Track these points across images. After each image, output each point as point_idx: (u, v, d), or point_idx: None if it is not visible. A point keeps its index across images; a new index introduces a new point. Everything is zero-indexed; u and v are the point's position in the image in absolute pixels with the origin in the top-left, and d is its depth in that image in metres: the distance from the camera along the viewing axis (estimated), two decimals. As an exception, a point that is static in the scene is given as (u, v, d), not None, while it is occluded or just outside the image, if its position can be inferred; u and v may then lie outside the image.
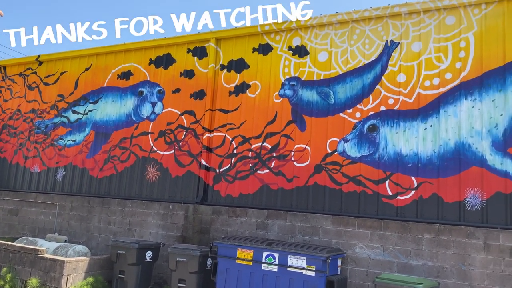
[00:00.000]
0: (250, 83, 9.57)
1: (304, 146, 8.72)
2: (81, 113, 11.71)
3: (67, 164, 11.60)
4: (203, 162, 9.63)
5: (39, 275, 8.26)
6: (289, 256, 7.21)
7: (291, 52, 9.25)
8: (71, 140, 11.69)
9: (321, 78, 8.81)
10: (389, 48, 8.26)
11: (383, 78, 8.20)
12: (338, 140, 8.38)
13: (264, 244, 7.51)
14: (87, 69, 11.94)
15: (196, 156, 9.80)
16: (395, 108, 8.00)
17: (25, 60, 13.17)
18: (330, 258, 7.00)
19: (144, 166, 10.42)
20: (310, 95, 8.86)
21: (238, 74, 9.76)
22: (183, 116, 10.20)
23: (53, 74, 12.53)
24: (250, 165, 9.19)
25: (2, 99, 13.36)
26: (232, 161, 9.41)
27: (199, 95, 10.08)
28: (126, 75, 11.25)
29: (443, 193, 7.38)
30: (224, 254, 7.75)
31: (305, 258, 7.07)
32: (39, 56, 12.78)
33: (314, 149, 8.59)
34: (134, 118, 10.85)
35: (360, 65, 8.46)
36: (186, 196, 9.75)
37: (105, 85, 11.53)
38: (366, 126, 8.18)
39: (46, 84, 12.60)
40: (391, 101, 8.05)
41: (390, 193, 7.77)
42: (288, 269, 7.18)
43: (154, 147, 10.39)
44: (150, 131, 10.54)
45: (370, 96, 8.26)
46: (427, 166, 7.56)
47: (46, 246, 9.00)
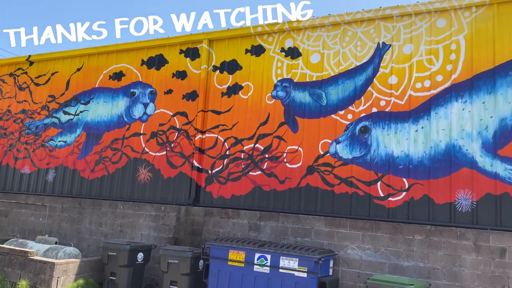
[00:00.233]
0: (242, 84, 9.57)
1: (296, 147, 8.73)
2: (72, 114, 11.63)
3: (58, 165, 11.50)
4: (195, 164, 9.61)
5: (29, 278, 8.18)
6: (281, 257, 7.21)
7: (283, 53, 9.26)
8: (62, 141, 11.60)
9: (314, 79, 8.83)
10: (381, 50, 8.30)
11: (375, 80, 8.24)
12: (330, 141, 8.41)
13: (256, 246, 7.50)
14: (78, 69, 11.86)
15: (188, 157, 9.77)
16: (387, 109, 8.04)
17: (15, 60, 13.05)
18: (322, 259, 7.01)
19: (135, 167, 10.36)
20: (302, 97, 8.88)
21: (230, 75, 9.76)
22: (175, 117, 10.17)
23: (44, 75, 12.43)
24: (243, 166, 9.18)
25: (-8, 100, 13.22)
26: (225, 163, 9.39)
27: (192, 96, 10.06)
28: (118, 75, 11.20)
29: (434, 195, 7.43)
30: (216, 256, 7.73)
31: (297, 259, 7.08)
32: (29, 56, 12.67)
33: (306, 151, 8.61)
34: (126, 119, 10.79)
35: (352, 67, 8.50)
36: (178, 198, 9.71)
37: (96, 86, 11.46)
38: (358, 127, 8.21)
39: (37, 84, 12.50)
40: (382, 103, 8.10)
41: (382, 195, 7.81)
42: (280, 270, 7.18)
43: (146, 148, 10.34)
44: (142, 132, 10.49)
45: (362, 97, 8.29)
46: (418, 168, 7.61)
47: (36, 248, 8.91)
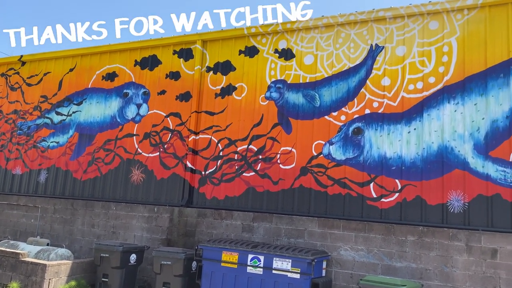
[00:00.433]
0: (236, 86, 9.57)
1: (290, 148, 8.74)
2: (64, 115, 11.55)
3: (50, 166, 11.42)
4: (189, 165, 9.58)
5: (20, 279, 8.11)
6: (274, 258, 7.21)
7: (277, 55, 9.28)
8: (55, 141, 11.52)
9: (307, 81, 8.85)
10: (374, 52, 8.34)
11: (368, 81, 8.28)
12: (324, 142, 8.43)
13: (249, 247, 7.50)
14: (71, 69, 11.79)
15: (182, 159, 9.75)
16: (380, 111, 8.07)
17: (7, 60, 12.95)
18: (315, 260, 7.02)
19: (128, 168, 10.32)
20: (296, 98, 8.89)
21: (224, 76, 9.75)
22: (168, 118, 10.14)
23: (36, 75, 12.35)
24: (236, 167, 9.17)
25: (-16, 100, 13.11)
26: (218, 164, 9.38)
27: (185, 97, 10.04)
28: (111, 76, 11.15)
29: (427, 196, 7.47)
30: (209, 257, 7.71)
31: (290, 260, 7.08)
32: (21, 56, 12.58)
33: (299, 152, 8.62)
34: (118, 120, 10.75)
35: (345, 69, 8.53)
36: (171, 199, 9.68)
37: (89, 86, 11.40)
38: (351, 129, 8.24)
39: (29, 84, 12.40)
40: (375, 105, 8.13)
41: (375, 196, 7.84)
42: (273, 271, 7.18)
43: (139, 149, 10.30)
44: (135, 133, 10.45)
45: (355, 99, 8.32)
46: (411, 169, 7.65)
47: (28, 250, 8.84)
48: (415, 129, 7.75)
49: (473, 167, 7.23)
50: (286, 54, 9.18)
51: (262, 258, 7.31)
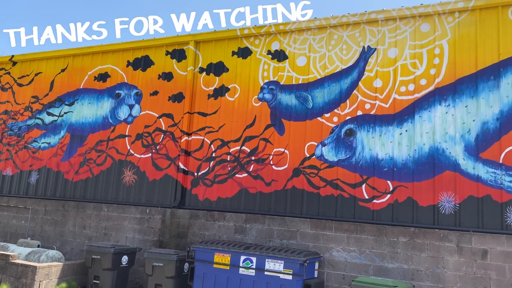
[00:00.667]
0: (229, 87, 9.56)
1: (282, 149, 8.75)
2: (56, 115, 11.47)
3: (41, 167, 11.32)
4: (181, 166, 9.55)
5: (10, 282, 8.02)
6: (267, 260, 7.21)
7: (270, 56, 9.29)
8: (46, 142, 11.43)
9: (300, 82, 8.87)
10: (366, 53, 8.38)
11: (360, 83, 8.32)
12: (316, 144, 8.45)
13: (241, 248, 7.49)
14: (63, 70, 11.71)
15: (174, 160, 9.72)
16: (372, 113, 8.11)
17: (-2, 60, 12.83)
18: (307, 261, 7.03)
19: (120, 169, 10.26)
20: (288, 99, 8.91)
21: (217, 77, 9.74)
22: (161, 119, 10.10)
23: (28, 75, 12.25)
24: (229, 168, 9.16)
25: (-26, 100, 12.97)
26: (211, 165, 9.36)
27: (178, 98, 10.01)
28: (103, 77, 11.09)
29: (418, 197, 7.51)
30: (201, 259, 7.69)
31: (283, 262, 7.08)
32: (12, 56, 12.47)
33: (292, 153, 8.63)
34: (111, 121, 10.69)
35: (337, 70, 8.56)
36: (164, 200, 9.64)
37: (81, 87, 11.33)
38: (343, 130, 8.26)
39: (20, 85, 12.30)
40: (367, 106, 8.17)
41: (367, 197, 7.87)
42: (266, 273, 7.17)
43: (131, 150, 10.25)
44: (127, 134, 10.40)
45: (347, 101, 8.35)
46: (403, 170, 7.69)
47: (18, 252, 8.76)
48: (406, 130, 7.79)
49: (464, 168, 7.29)
50: (279, 56, 9.20)
51: (254, 259, 7.31)
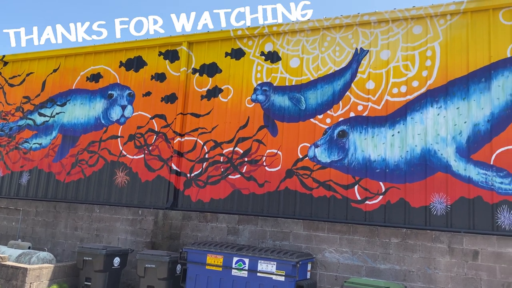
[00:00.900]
0: (222, 88, 9.55)
1: (275, 151, 8.75)
2: (48, 116, 11.38)
3: (33, 168, 11.23)
4: (174, 167, 9.52)
5: (0, 284, 7.94)
6: (259, 261, 7.20)
7: (263, 57, 9.29)
8: (37, 143, 11.33)
9: (293, 84, 8.88)
10: (359, 55, 8.42)
11: (352, 85, 8.35)
12: (309, 145, 8.46)
13: (234, 250, 7.47)
14: (55, 70, 11.63)
15: (167, 161, 9.68)
16: (364, 114, 8.14)
17: (-11, 60, 12.71)
18: (300, 262, 7.03)
19: (113, 170, 10.21)
20: (282, 101, 8.92)
21: (210, 78, 9.72)
22: (153, 120, 10.07)
23: (19, 75, 12.15)
24: (222, 170, 9.15)
25: (-36, 100, 12.84)
26: (204, 166, 9.34)
27: (171, 98, 9.98)
28: (95, 77, 11.02)
29: (410, 198, 7.55)
30: (194, 260, 7.66)
31: (275, 263, 7.08)
32: (4, 56, 12.36)
33: (285, 154, 8.64)
34: (103, 122, 10.63)
35: (330, 72, 8.58)
36: (156, 201, 9.60)
37: (73, 87, 11.26)
38: (336, 131, 8.29)
39: (11, 85, 12.19)
40: (360, 108, 8.20)
41: (359, 198, 7.89)
42: (258, 274, 7.17)
43: (123, 151, 10.20)
44: (119, 135, 10.34)
45: (340, 102, 8.38)
46: (395, 172, 7.73)
47: (9, 253, 8.68)
48: (399, 132, 7.83)
49: (456, 170, 7.34)
50: (272, 57, 9.21)
51: (247, 260, 7.30)
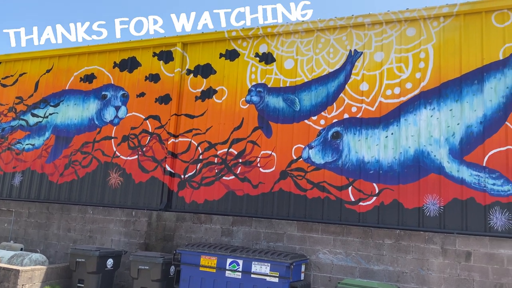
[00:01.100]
0: (216, 89, 9.54)
1: (270, 152, 8.75)
2: (41, 116, 11.31)
3: (25, 169, 11.15)
4: (168, 168, 9.49)
5: (-9, 286, 7.88)
6: (253, 262, 7.19)
7: (258, 58, 9.30)
8: (30, 144, 11.26)
9: (287, 85, 8.89)
10: (353, 57, 8.44)
11: (346, 86, 8.37)
12: (303, 146, 8.47)
13: (228, 251, 7.46)
14: (48, 71, 11.56)
15: (161, 162, 9.65)
16: (358, 116, 8.17)
17: (-19, 60, 12.61)
18: (294, 264, 7.03)
19: (106, 171, 10.16)
20: (276, 102, 8.92)
21: (204, 79, 9.71)
22: (147, 121, 10.03)
23: (12, 75, 12.06)
24: (216, 171, 9.13)
25: (-44, 100, 12.73)
26: (198, 167, 9.32)
27: (165, 99, 9.95)
28: (89, 78, 10.97)
29: (403, 199, 7.58)
30: (188, 262, 7.64)
31: (269, 264, 7.08)
32: (-4, 56, 12.28)
33: (279, 156, 8.64)
34: (96, 122, 10.58)
35: (325, 73, 8.61)
36: (150, 203, 9.57)
37: (67, 88, 11.20)
38: (330, 133, 8.31)
39: (4, 85, 12.10)
40: (354, 109, 8.22)
41: (353, 199, 7.91)
42: (252, 275, 7.16)
43: (117, 152, 10.15)
44: (113, 136, 10.30)
45: (334, 104, 8.40)
46: (388, 173, 7.75)
47: (1, 255, 8.60)
48: (392, 133, 7.86)
49: (449, 171, 7.38)
50: (267, 58, 9.21)
51: (241, 262, 7.29)
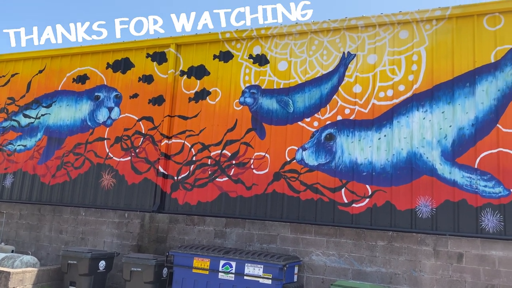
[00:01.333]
0: (210, 90, 9.53)
1: (263, 154, 8.75)
2: (33, 117, 11.23)
3: (17, 170, 11.06)
4: (161, 169, 9.46)
5: (-19, 288, 7.79)
6: (246, 264, 7.18)
7: (251, 60, 9.30)
8: (22, 145, 11.17)
9: (281, 87, 8.90)
10: (346, 59, 8.48)
11: (340, 88, 8.40)
12: (297, 148, 8.48)
13: (221, 253, 7.44)
14: (40, 71, 11.48)
15: (154, 163, 9.61)
16: (351, 117, 8.20)
17: (-27, 60, 12.50)
18: (287, 266, 7.03)
19: (99, 173, 10.10)
20: (270, 103, 8.93)
21: (198, 81, 9.70)
22: (140, 122, 9.99)
23: (3, 76, 11.96)
24: (209, 172, 9.11)
25: None
26: (191, 169, 9.30)
27: (158, 100, 9.92)
28: (82, 78, 10.91)
29: (396, 201, 7.61)
30: (180, 263, 7.61)
31: (262, 266, 7.07)
32: (-12, 56, 12.18)
33: (273, 157, 8.64)
34: (89, 123, 10.52)
35: (318, 75, 8.63)
36: (143, 204, 9.52)
37: (59, 89, 11.13)
38: (324, 135, 8.33)
39: (-4, 86, 12.00)
40: (347, 111, 8.25)
41: (346, 201, 7.93)
42: (245, 277, 7.14)
43: (110, 154, 10.10)
44: (106, 137, 10.24)
45: (328, 105, 8.43)
46: (381, 175, 7.78)
47: (-9, 257, 8.51)
48: (385, 135, 7.90)
49: (441, 173, 7.43)
50: (261, 60, 9.22)
51: (234, 264, 7.27)
